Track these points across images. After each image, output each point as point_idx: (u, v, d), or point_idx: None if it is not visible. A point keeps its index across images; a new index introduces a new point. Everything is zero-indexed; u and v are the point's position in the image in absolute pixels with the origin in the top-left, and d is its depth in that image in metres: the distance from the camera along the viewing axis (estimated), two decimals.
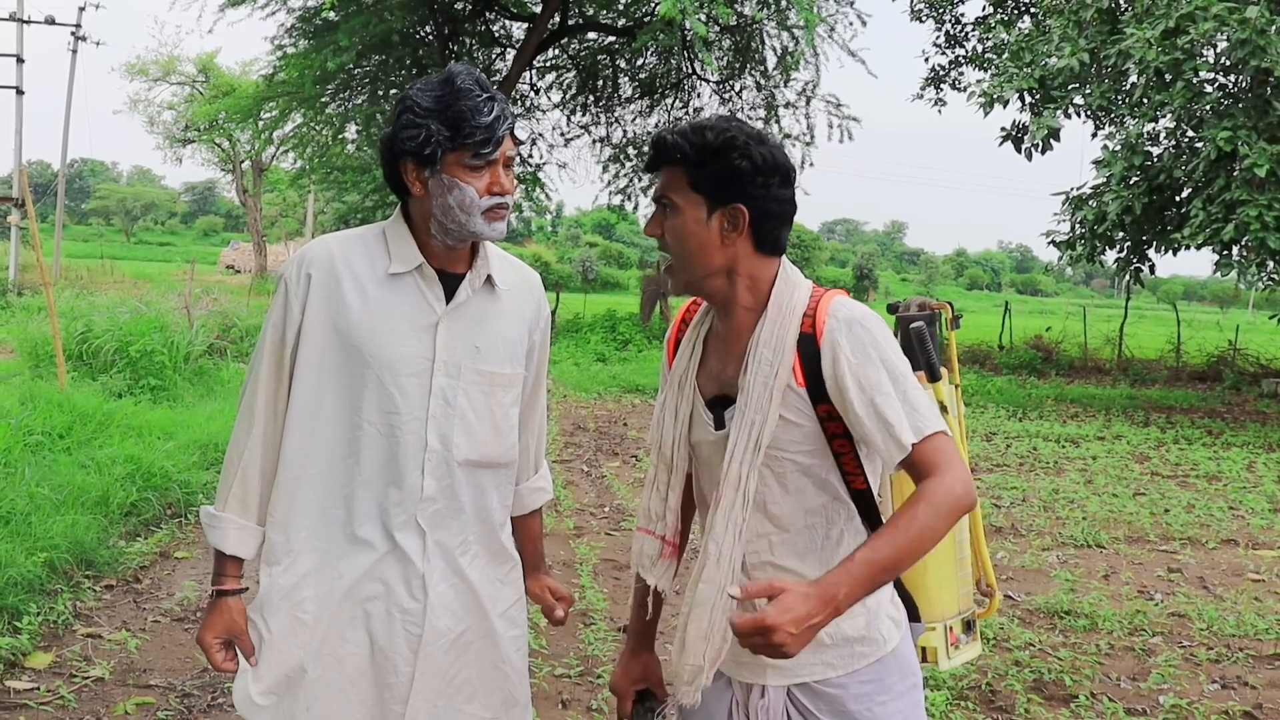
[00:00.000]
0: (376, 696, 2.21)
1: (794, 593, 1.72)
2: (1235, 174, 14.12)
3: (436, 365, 2.18)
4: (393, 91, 16.56)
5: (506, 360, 2.27)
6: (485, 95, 2.11)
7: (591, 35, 18.36)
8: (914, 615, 2.16)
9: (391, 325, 2.17)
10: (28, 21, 29.84)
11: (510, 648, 2.34)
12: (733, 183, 1.97)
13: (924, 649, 2.17)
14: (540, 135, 19.26)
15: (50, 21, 31.20)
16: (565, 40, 18.11)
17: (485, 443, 2.25)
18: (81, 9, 33.81)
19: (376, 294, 2.18)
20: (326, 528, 2.20)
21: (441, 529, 2.22)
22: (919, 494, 1.84)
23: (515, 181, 2.22)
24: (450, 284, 2.22)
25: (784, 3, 15.16)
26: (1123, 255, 17.67)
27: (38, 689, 4.30)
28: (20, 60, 29.15)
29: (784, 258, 2.08)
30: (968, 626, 2.45)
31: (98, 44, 44.31)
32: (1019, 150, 17.77)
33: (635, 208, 19.81)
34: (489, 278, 2.25)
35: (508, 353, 2.28)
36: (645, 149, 18.87)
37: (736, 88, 18.32)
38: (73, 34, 33.38)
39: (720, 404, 2.07)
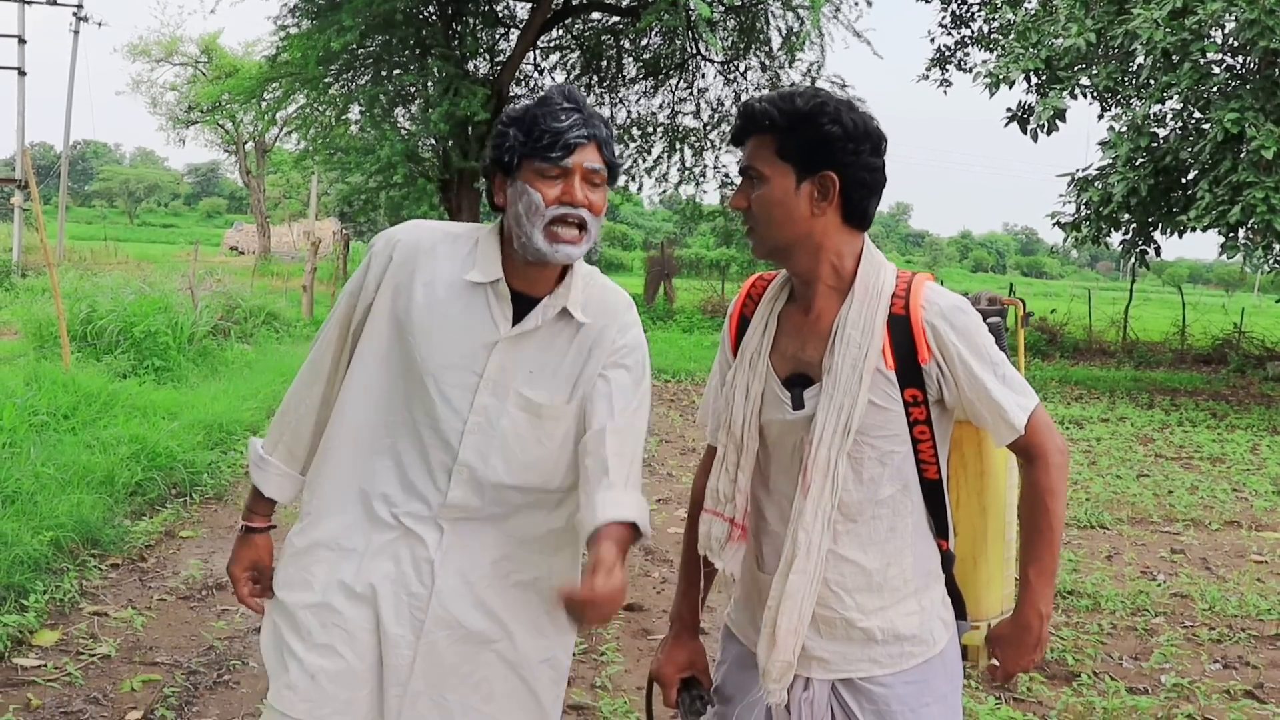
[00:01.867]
0: (378, 675, 2.19)
1: (1010, 647, 2.04)
2: (1242, 156, 14.05)
3: (483, 382, 2.13)
4: (395, 72, 16.50)
5: (555, 391, 2.16)
6: (568, 105, 2.05)
7: (595, 15, 18.28)
8: (960, 613, 2.14)
9: (448, 334, 2.13)
10: (29, 2, 29.72)
11: (534, 657, 2.26)
12: (823, 149, 1.92)
13: (965, 647, 2.17)
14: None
15: (52, 2, 31.08)
16: (569, 20, 18.05)
17: (523, 471, 2.16)
18: None
19: (445, 298, 2.13)
20: (350, 500, 2.20)
21: (466, 531, 2.18)
22: (1044, 487, 1.98)
23: (604, 202, 2.12)
24: (526, 306, 2.15)
25: None
26: (1128, 237, 17.61)
27: (45, 666, 4.32)
28: (22, 41, 29.04)
29: (866, 235, 2.03)
30: None
31: (100, 25, 43.98)
32: (1025, 131, 17.72)
33: (639, 189, 19.80)
34: (565, 309, 2.15)
35: (560, 384, 2.17)
36: (649, 130, 19.01)
37: (741, 68, 18.25)
38: (75, 15, 33.28)
39: (797, 383, 2.02)
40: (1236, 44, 14.68)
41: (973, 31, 23.63)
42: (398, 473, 2.17)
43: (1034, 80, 17.62)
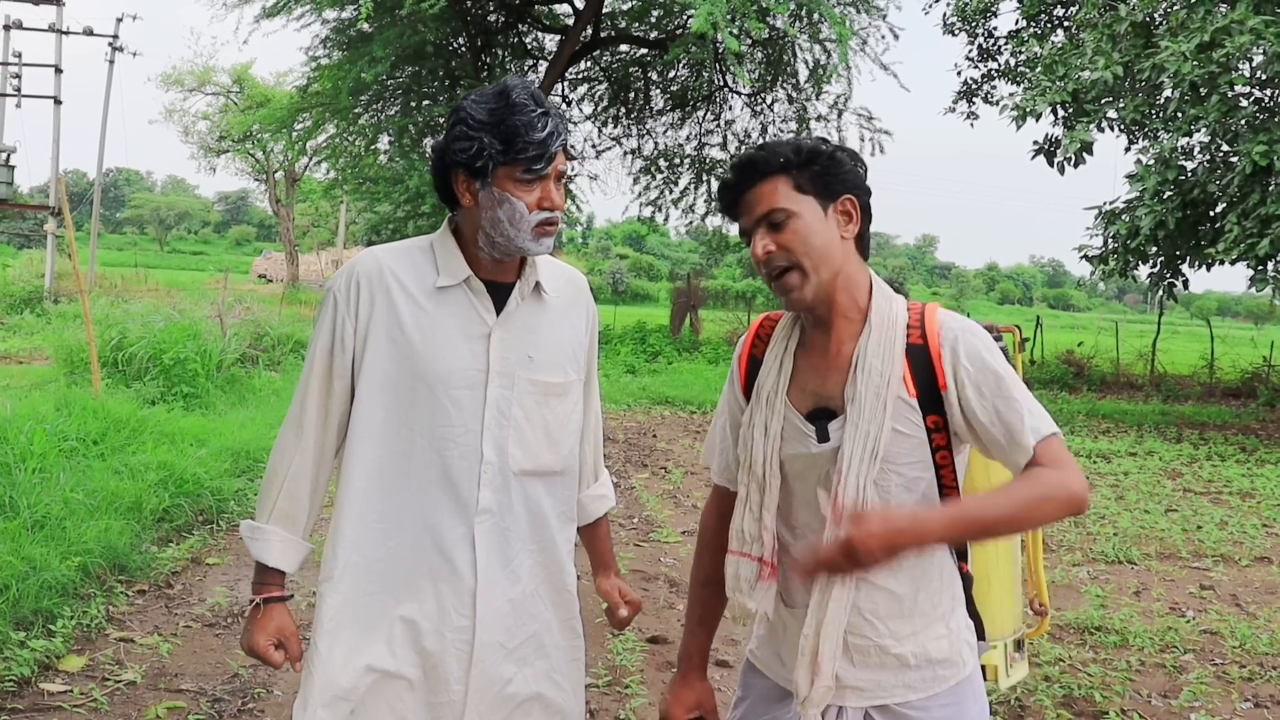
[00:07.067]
0: (425, 715, 2.17)
1: (874, 514, 1.76)
2: (1271, 188, 13.99)
3: (491, 376, 2.16)
4: (425, 103, 16.66)
5: (560, 368, 2.25)
6: (539, 110, 2.08)
7: (623, 48, 18.40)
8: (979, 634, 2.15)
9: (444, 338, 2.15)
10: (66, 33, 30.23)
11: (565, 658, 2.31)
12: (837, 176, 1.98)
13: (983, 667, 2.17)
14: (572, 147, 19.29)
15: (88, 33, 31.65)
16: (597, 53, 18.17)
17: (539, 453, 2.22)
18: (119, 20, 34.30)
19: (428, 306, 2.16)
20: (375, 545, 2.17)
21: (497, 541, 2.18)
22: (1036, 475, 1.86)
23: (565, 197, 2.21)
24: (500, 295, 2.20)
25: (816, 16, 15.16)
26: (1156, 270, 17.54)
27: (71, 691, 4.35)
28: (59, 71, 29.55)
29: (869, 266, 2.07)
30: (1019, 645, 2.46)
31: (134, 55, 44.83)
32: (1051, 164, 17.69)
33: (666, 219, 19.83)
34: (537, 284, 2.23)
35: (562, 360, 2.26)
36: (676, 161, 19.08)
37: (768, 100, 18.31)
38: (110, 45, 33.85)
39: (820, 417, 2.02)
40: (1265, 77, 14.63)
41: (999, 65, 23.69)
42: (418, 499, 2.16)
43: (1061, 113, 17.63)
